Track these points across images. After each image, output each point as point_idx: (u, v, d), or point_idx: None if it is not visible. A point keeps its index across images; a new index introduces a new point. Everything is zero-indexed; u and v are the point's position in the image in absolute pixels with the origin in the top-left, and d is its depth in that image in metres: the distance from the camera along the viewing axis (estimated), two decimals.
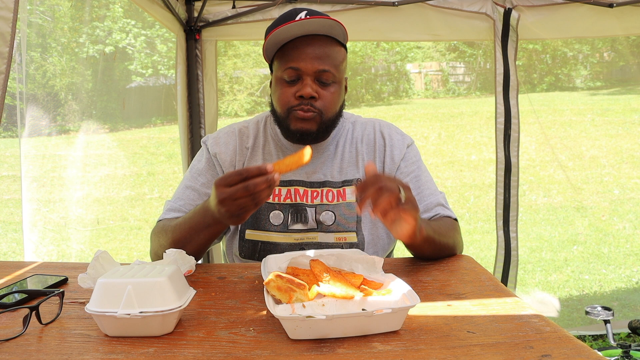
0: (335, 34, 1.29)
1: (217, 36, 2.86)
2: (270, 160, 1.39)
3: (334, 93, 1.30)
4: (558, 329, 0.81)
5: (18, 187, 6.91)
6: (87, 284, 0.96)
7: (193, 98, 2.85)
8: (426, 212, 1.35)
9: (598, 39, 7.69)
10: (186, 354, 0.75)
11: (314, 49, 1.27)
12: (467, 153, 7.61)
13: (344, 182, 1.37)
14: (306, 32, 1.27)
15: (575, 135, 7.61)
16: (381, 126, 1.45)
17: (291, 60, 1.28)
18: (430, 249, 1.19)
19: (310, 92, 1.26)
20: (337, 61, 1.30)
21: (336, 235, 1.34)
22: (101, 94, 5.00)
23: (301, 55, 1.27)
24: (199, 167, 1.41)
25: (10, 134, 7.70)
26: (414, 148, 1.46)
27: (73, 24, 6.94)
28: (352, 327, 0.78)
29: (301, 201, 1.35)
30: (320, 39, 1.28)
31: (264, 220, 1.35)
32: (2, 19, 1.34)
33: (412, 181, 1.38)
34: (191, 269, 1.11)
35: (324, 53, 1.27)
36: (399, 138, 1.43)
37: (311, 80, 1.27)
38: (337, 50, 1.31)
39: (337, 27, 1.27)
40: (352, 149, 1.41)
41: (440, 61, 11.78)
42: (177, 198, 1.38)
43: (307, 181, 1.37)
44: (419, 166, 1.42)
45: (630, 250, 4.80)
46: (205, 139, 1.46)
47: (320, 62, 1.26)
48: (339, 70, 1.30)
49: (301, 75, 1.27)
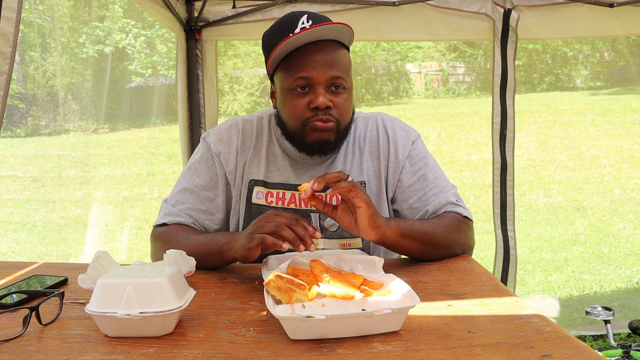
0: (342, 38, 1.24)
1: (217, 36, 2.85)
2: (274, 163, 1.34)
3: (347, 100, 1.24)
4: (558, 329, 0.81)
5: (18, 187, 6.91)
6: (87, 285, 0.96)
7: (193, 98, 2.85)
8: (434, 213, 1.29)
9: (598, 39, 7.69)
10: (186, 355, 0.75)
11: (324, 56, 1.20)
12: (467, 153, 7.61)
13: None
14: (313, 38, 1.20)
15: (575, 135, 7.60)
16: (384, 122, 1.39)
17: (301, 70, 1.20)
18: (413, 247, 1.15)
19: (326, 102, 1.19)
20: (347, 66, 1.25)
21: (340, 241, 1.30)
22: (101, 94, 5.00)
23: (311, 63, 1.20)
24: (197, 168, 1.35)
25: (10, 134, 7.70)
26: (420, 143, 1.39)
27: (73, 23, 6.94)
28: (352, 327, 0.78)
29: (305, 207, 1.31)
30: (328, 44, 1.22)
31: None
32: (6, 19, 1.34)
33: (419, 181, 1.33)
34: (191, 270, 1.11)
35: (334, 59, 1.21)
36: (403, 134, 1.37)
37: (324, 90, 1.21)
38: (345, 55, 1.26)
39: (345, 31, 1.21)
40: (356, 149, 1.36)
41: (441, 61, 11.77)
42: (175, 201, 1.32)
43: None
44: (426, 163, 1.35)
45: (631, 251, 4.80)
46: (205, 135, 1.39)
47: (332, 68, 1.20)
48: (349, 75, 1.25)
49: (312, 84, 1.21)
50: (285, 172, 1.33)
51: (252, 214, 1.31)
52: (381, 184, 1.34)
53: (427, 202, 1.30)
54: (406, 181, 1.33)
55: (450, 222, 1.24)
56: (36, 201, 6.57)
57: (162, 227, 1.30)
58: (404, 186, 1.33)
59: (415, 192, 1.32)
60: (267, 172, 1.33)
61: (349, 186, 1.00)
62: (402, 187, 1.34)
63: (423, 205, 1.30)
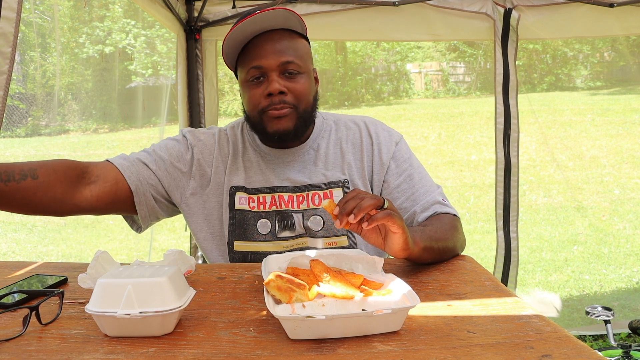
0: (292, 26, 1.25)
1: (218, 36, 2.85)
2: (250, 168, 1.34)
3: (304, 84, 1.25)
4: (558, 329, 0.81)
5: None
6: (87, 284, 0.96)
7: (193, 98, 2.85)
8: (423, 212, 1.30)
9: (598, 39, 7.70)
10: (186, 354, 0.75)
11: (274, 44, 1.22)
12: (467, 153, 7.61)
13: (329, 184, 1.31)
14: (261, 28, 1.22)
15: (575, 135, 7.61)
16: (366, 124, 1.39)
17: (252, 60, 1.23)
18: (430, 257, 1.14)
19: (278, 87, 1.21)
20: (301, 52, 1.26)
21: (326, 240, 1.29)
22: (101, 94, 5.00)
23: (261, 52, 1.22)
24: (165, 143, 1.35)
25: (10, 134, 7.70)
26: (403, 144, 1.39)
27: (73, 23, 6.94)
28: (352, 327, 0.78)
29: (287, 207, 1.29)
30: (279, 32, 1.24)
31: (252, 230, 1.30)
32: (6, 19, 1.34)
33: (405, 182, 1.33)
34: (191, 269, 1.11)
35: (284, 45, 1.23)
36: (385, 135, 1.37)
37: (277, 76, 1.22)
38: (298, 42, 1.27)
39: (292, 18, 1.23)
40: (337, 149, 1.36)
41: (441, 61, 11.78)
42: (127, 160, 1.29)
43: (290, 186, 1.31)
44: (411, 163, 1.36)
45: (631, 251, 4.80)
46: (183, 129, 1.40)
47: (282, 54, 1.22)
48: (303, 60, 1.26)
49: (265, 72, 1.22)
50: (264, 175, 1.33)
51: (236, 220, 1.31)
52: (366, 183, 1.35)
53: (415, 202, 1.31)
54: (393, 182, 1.34)
55: (450, 224, 1.25)
56: None
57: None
58: (390, 187, 1.34)
59: (403, 192, 1.33)
60: (247, 178, 1.33)
61: (385, 217, 0.96)
62: (388, 187, 1.34)
63: (411, 205, 1.31)
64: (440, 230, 1.20)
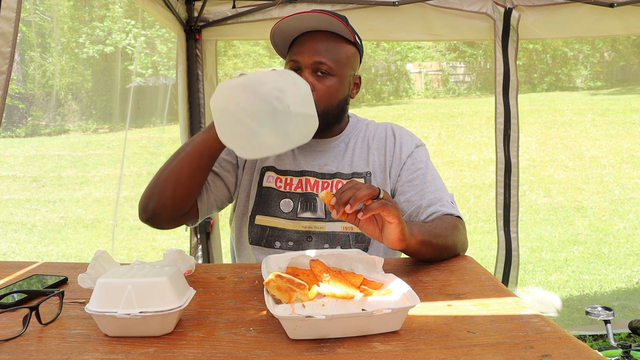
0: (336, 29, 1.32)
1: (217, 36, 2.85)
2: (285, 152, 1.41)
3: (331, 86, 1.32)
4: (558, 329, 0.81)
5: (18, 187, 6.91)
6: (87, 284, 0.96)
7: (193, 98, 2.85)
8: (429, 207, 1.32)
9: (598, 39, 7.70)
10: (186, 354, 0.75)
11: (313, 43, 1.31)
12: (467, 153, 7.61)
13: (353, 174, 1.41)
14: (306, 27, 1.32)
15: (575, 135, 7.61)
16: (393, 127, 1.50)
17: (293, 54, 1.34)
18: (429, 252, 1.15)
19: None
20: (337, 55, 1.33)
21: (343, 224, 1.36)
22: (101, 94, 5.00)
23: (301, 49, 1.32)
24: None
25: (10, 134, 7.70)
26: (424, 150, 1.47)
27: (73, 23, 6.94)
28: (351, 327, 0.78)
29: (311, 191, 1.39)
30: (323, 34, 1.33)
31: (274, 207, 1.38)
32: (5, 19, 1.34)
33: (418, 178, 1.38)
34: (191, 269, 1.11)
35: (322, 47, 1.31)
36: (408, 138, 1.47)
37: (309, 73, 1.31)
38: (340, 46, 1.34)
39: (336, 23, 1.30)
40: (364, 145, 1.45)
41: (441, 61, 11.78)
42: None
43: (318, 172, 1.41)
44: (427, 165, 1.43)
45: (631, 250, 4.80)
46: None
47: (317, 54, 1.30)
48: (338, 63, 1.33)
49: (300, 67, 1.32)
50: (295, 159, 1.43)
51: (262, 196, 1.41)
52: (386, 176, 1.42)
53: (423, 197, 1.35)
54: (406, 177, 1.41)
55: (452, 223, 1.27)
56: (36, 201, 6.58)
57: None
58: (402, 180, 1.41)
59: (414, 187, 1.38)
60: (278, 160, 1.44)
61: (380, 207, 0.99)
62: (401, 181, 1.41)
63: (419, 199, 1.35)
64: (440, 227, 1.22)
